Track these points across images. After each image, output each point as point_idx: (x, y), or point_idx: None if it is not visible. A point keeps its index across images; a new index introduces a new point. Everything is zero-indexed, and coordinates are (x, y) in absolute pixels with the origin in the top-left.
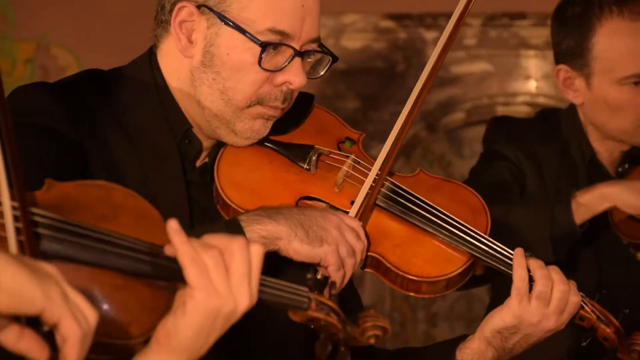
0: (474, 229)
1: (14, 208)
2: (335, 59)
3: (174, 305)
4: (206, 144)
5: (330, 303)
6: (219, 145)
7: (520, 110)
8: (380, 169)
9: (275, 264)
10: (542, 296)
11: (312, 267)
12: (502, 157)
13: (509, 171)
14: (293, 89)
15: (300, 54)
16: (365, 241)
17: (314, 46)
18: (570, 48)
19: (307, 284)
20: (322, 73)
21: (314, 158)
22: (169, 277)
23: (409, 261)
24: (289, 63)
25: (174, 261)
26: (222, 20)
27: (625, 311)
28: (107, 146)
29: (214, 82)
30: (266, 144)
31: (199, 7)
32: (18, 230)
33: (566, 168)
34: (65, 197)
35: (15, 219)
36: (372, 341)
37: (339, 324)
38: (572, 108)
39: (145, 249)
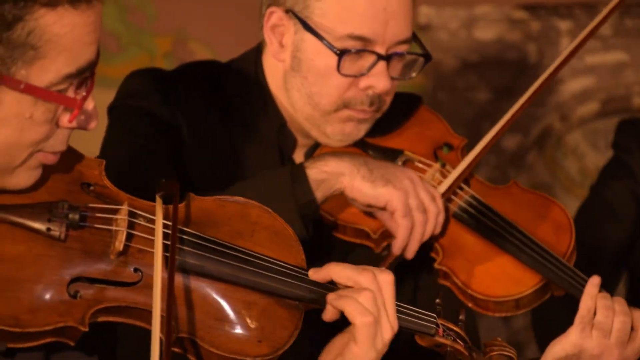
0: (551, 251)
1: (165, 226)
2: (428, 58)
3: (334, 352)
4: (303, 141)
5: (457, 329)
6: (317, 145)
7: None
8: (456, 178)
9: None
10: (601, 326)
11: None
12: (626, 172)
13: (628, 195)
14: (378, 93)
15: (384, 57)
16: (441, 207)
17: (403, 47)
18: None
19: (435, 309)
20: (414, 75)
21: (399, 164)
22: (297, 298)
23: (477, 278)
24: (372, 68)
25: (309, 282)
26: (304, 26)
27: None
28: (207, 130)
29: (301, 87)
30: (359, 145)
31: (287, 11)
32: (166, 247)
33: None
34: (204, 212)
35: (165, 236)
36: None
37: (465, 350)
38: None
39: (281, 268)
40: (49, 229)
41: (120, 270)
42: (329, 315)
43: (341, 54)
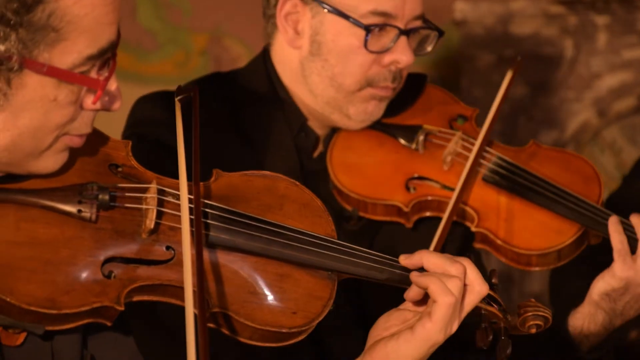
0: (584, 198)
1: (190, 201)
2: (441, 33)
3: (392, 329)
4: (321, 132)
5: (490, 292)
6: (333, 133)
7: None
8: (481, 144)
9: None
10: None
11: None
12: None
13: None
14: (401, 68)
15: (405, 32)
16: None
17: (418, 23)
18: None
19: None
20: (429, 49)
21: (421, 138)
22: (329, 268)
23: (516, 235)
24: (394, 43)
25: (338, 252)
26: (325, 8)
27: None
28: (221, 148)
29: (322, 70)
30: (377, 126)
31: None
32: (191, 222)
33: None
34: (232, 187)
35: (190, 211)
36: (532, 331)
37: (499, 313)
38: None
39: (312, 239)
40: (79, 211)
41: (152, 248)
42: (412, 294)
43: (368, 29)
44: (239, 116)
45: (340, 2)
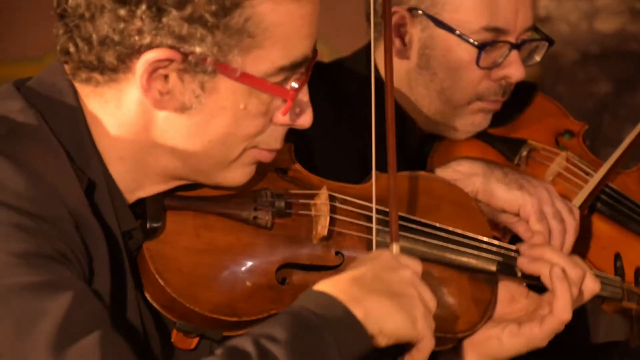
0: None
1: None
2: (551, 42)
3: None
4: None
5: (636, 290)
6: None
7: None
8: (601, 178)
9: None
10: None
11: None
12: None
13: None
14: (512, 83)
15: (517, 46)
16: (578, 220)
17: (529, 34)
18: None
19: (618, 273)
20: (538, 59)
21: (524, 154)
22: (496, 272)
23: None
24: (506, 58)
25: (502, 256)
26: (435, 23)
27: None
28: (330, 134)
29: (430, 84)
30: (481, 137)
31: (410, 10)
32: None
33: None
34: (387, 190)
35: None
36: None
37: None
38: None
39: (474, 242)
40: (255, 218)
41: (323, 254)
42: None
43: (481, 47)
44: (344, 105)
45: (451, 17)
